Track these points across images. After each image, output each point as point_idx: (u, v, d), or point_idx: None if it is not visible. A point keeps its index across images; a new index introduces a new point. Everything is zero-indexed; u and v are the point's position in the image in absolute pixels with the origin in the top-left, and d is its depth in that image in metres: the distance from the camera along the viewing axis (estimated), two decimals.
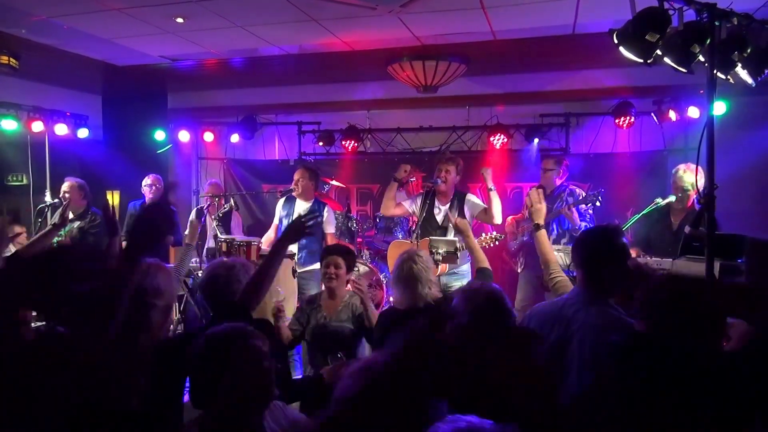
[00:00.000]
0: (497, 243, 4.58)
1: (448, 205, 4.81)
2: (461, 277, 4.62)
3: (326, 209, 5.36)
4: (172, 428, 1.96)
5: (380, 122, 7.27)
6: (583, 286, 2.38)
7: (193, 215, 6.48)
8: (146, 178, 5.93)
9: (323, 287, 3.62)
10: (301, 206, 5.34)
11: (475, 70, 5.89)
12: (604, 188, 5.05)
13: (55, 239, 5.18)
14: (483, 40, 5.08)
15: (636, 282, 2.24)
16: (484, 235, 4.66)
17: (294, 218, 5.30)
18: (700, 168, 3.23)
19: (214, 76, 6.67)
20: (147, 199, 5.93)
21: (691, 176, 4.19)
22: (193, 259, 5.34)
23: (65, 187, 5.39)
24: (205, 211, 6.14)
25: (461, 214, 4.75)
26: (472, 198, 4.89)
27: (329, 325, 3.41)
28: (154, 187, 5.89)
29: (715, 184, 2.59)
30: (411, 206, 4.97)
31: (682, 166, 4.42)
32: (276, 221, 5.52)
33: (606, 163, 6.41)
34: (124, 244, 5.86)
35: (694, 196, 4.28)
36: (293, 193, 5.36)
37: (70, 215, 5.36)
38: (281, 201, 5.55)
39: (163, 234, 1.46)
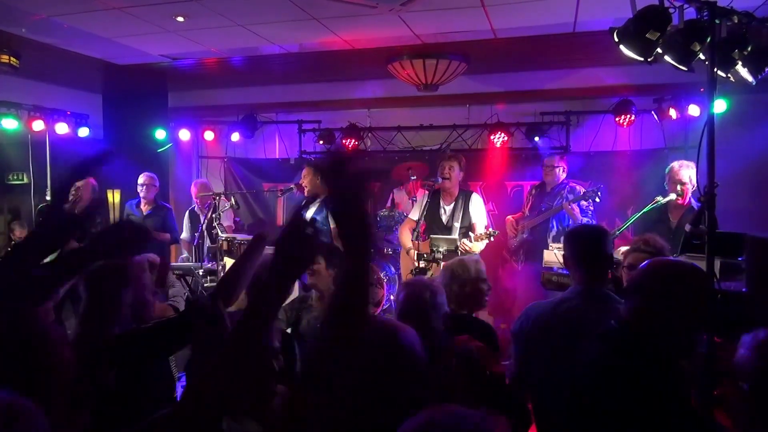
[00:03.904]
0: (492, 239, 4.56)
1: (452, 204, 4.81)
2: None
3: None
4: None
5: (381, 121, 7.26)
6: (582, 282, 2.42)
7: (186, 217, 6.49)
8: (140, 177, 5.85)
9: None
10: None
11: (475, 69, 5.89)
12: (604, 186, 5.04)
13: None
14: (483, 38, 5.08)
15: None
16: (480, 231, 4.65)
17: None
18: (693, 165, 3.23)
19: (214, 75, 6.67)
20: (141, 198, 5.87)
21: (687, 170, 4.20)
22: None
23: (79, 182, 5.36)
24: (198, 212, 6.15)
25: (466, 213, 4.76)
26: (477, 202, 4.85)
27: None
28: (147, 187, 5.82)
29: (715, 182, 2.59)
30: (417, 217, 4.91)
31: (675, 163, 4.41)
32: None
33: (606, 162, 6.40)
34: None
35: (690, 194, 4.28)
36: (300, 191, 5.30)
37: None
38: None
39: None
